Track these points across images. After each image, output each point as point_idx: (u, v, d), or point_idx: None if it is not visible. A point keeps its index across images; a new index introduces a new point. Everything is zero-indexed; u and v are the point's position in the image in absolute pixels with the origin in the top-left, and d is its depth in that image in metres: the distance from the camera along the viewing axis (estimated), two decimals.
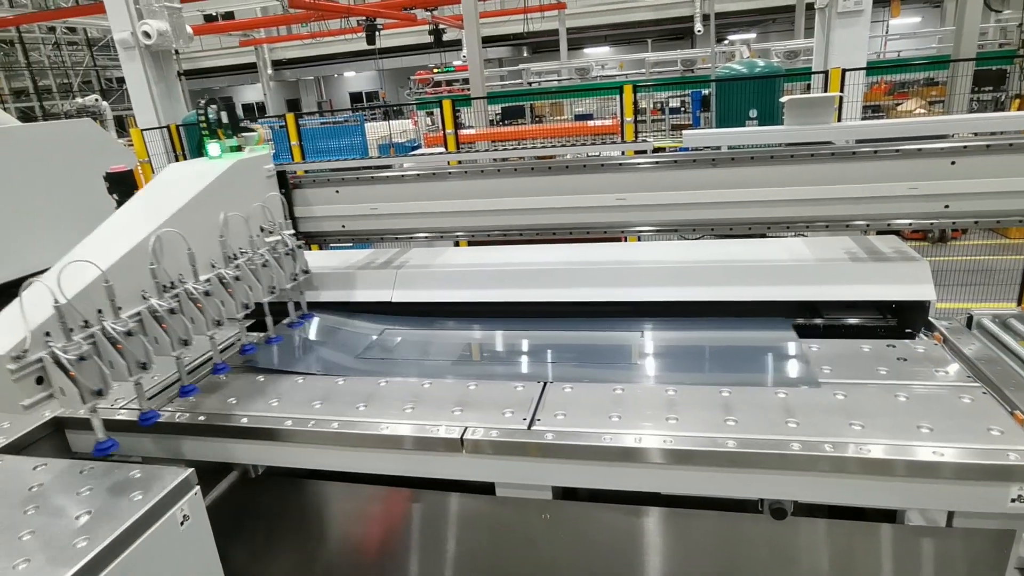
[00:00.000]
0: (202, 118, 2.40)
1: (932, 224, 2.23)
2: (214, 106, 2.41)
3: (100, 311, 1.69)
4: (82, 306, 1.64)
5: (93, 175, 3.02)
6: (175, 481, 1.53)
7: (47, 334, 1.57)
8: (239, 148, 2.46)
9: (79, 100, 18.27)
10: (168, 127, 8.62)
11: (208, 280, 2.03)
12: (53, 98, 22.14)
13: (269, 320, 2.37)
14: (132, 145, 8.73)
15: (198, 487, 1.59)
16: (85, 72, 23.67)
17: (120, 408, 2.04)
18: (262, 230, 2.35)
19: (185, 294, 1.93)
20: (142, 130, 8.59)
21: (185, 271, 1.96)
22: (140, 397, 1.84)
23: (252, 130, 2.52)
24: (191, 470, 1.58)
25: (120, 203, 2.97)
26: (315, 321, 2.65)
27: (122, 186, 2.97)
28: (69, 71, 23.29)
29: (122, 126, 19.05)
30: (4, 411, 1.58)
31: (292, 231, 2.47)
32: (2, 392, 1.51)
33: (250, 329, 2.71)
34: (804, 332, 2.30)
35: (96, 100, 17.74)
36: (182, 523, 1.53)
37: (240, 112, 2.66)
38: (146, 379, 2.24)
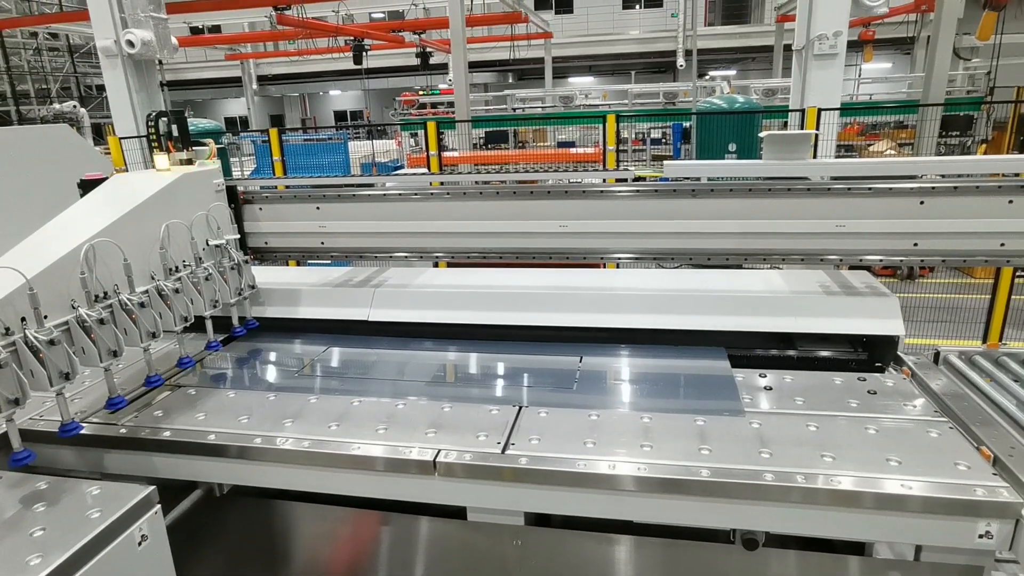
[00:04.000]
0: (152, 130, 2.39)
1: (901, 261, 2.29)
2: (165, 119, 2.40)
3: (24, 319, 1.65)
4: (3, 313, 1.61)
5: (67, 181, 2.97)
6: (135, 499, 1.49)
7: None
8: (189, 161, 2.46)
9: (57, 106, 18.01)
10: (147, 136, 8.51)
11: (146, 292, 2.01)
12: (31, 103, 21.81)
13: (210, 332, 2.36)
14: (109, 153, 8.61)
15: (159, 506, 1.54)
16: (65, 78, 23.39)
17: (83, 421, 1.98)
18: (207, 244, 2.34)
19: (119, 305, 1.91)
20: (120, 138, 8.48)
21: (121, 282, 1.95)
22: (62, 408, 1.79)
23: (203, 144, 2.52)
24: (152, 488, 1.53)
25: None
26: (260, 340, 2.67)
27: None
28: (49, 76, 22.99)
29: (99, 134, 18.80)
30: None
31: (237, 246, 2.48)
32: None
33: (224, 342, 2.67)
34: (778, 363, 2.32)
35: (74, 107, 17.51)
36: (140, 543, 1.48)
37: (223, 124, 2.65)
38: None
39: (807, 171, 2.35)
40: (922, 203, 2.21)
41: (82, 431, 1.88)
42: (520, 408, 1.97)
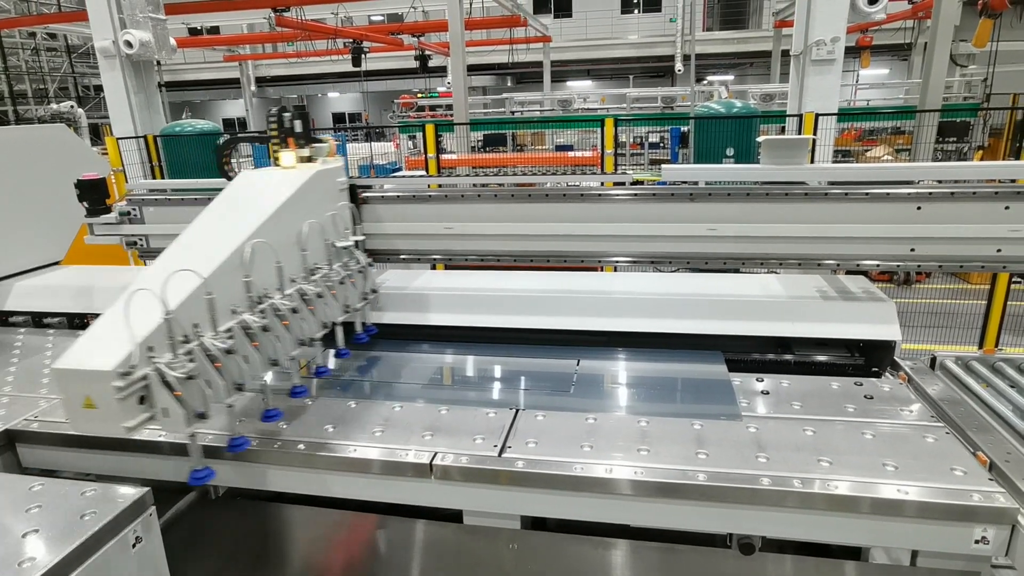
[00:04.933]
0: (274, 125, 2.26)
1: (898, 266, 2.29)
2: (287, 114, 2.25)
3: (196, 325, 1.57)
4: (183, 319, 1.54)
5: (64, 181, 2.96)
6: (129, 500, 1.48)
7: (150, 348, 1.47)
8: (310, 159, 2.31)
9: (54, 106, 17.98)
10: (145, 137, 8.52)
11: (289, 296, 1.88)
12: (28, 103, 21.78)
13: (340, 340, 2.20)
14: (106, 154, 8.59)
15: (154, 508, 1.53)
16: (62, 79, 23.37)
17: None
18: (334, 246, 2.21)
19: (271, 310, 1.77)
20: (118, 139, 8.47)
21: (270, 286, 1.81)
22: (232, 421, 1.68)
23: (323, 141, 2.38)
24: (147, 489, 1.52)
25: (91, 211, 2.91)
26: None
27: (93, 194, 2.91)
28: (46, 77, 22.97)
29: (97, 134, 18.78)
30: (104, 433, 1.48)
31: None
32: (105, 412, 1.42)
33: None
34: (775, 367, 2.32)
35: (72, 107, 17.48)
36: (134, 545, 1.47)
37: (221, 126, 2.62)
38: None
39: (804, 176, 2.36)
40: (919, 208, 2.22)
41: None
42: (517, 411, 1.96)
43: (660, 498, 1.61)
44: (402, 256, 2.70)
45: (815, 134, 6.80)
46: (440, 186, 3.07)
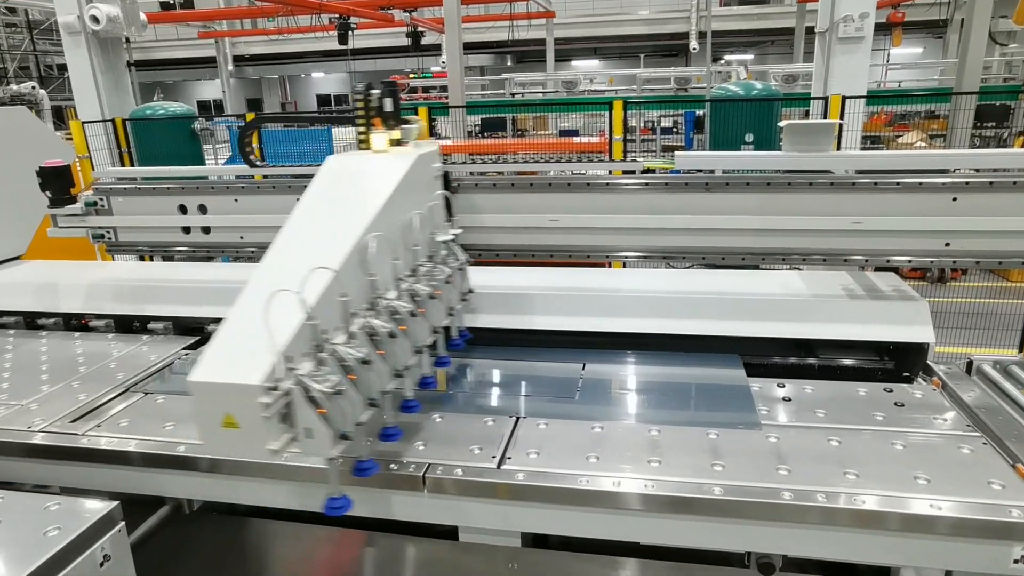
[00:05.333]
0: (361, 104, 2.19)
1: (932, 262, 2.29)
2: (376, 91, 2.17)
3: (324, 331, 1.51)
4: (320, 317, 1.48)
5: (25, 169, 2.96)
6: (97, 515, 1.48)
7: (288, 359, 1.41)
8: (399, 142, 2.23)
9: (14, 87, 17.97)
10: (113, 121, 8.51)
11: (404, 297, 1.81)
12: None
13: (441, 347, 2.12)
14: (71, 139, 8.59)
15: (123, 523, 1.53)
16: (23, 57, 23.34)
17: (40, 431, 1.98)
18: (432, 240, 2.14)
19: (389, 312, 1.69)
20: (83, 123, 8.46)
21: (381, 286, 1.74)
22: (359, 441, 1.58)
23: (412, 122, 2.31)
24: (116, 503, 1.53)
25: (55, 201, 2.91)
26: None
27: (57, 183, 2.91)
28: (5, 55, 22.95)
29: (60, 117, 18.78)
30: (246, 456, 1.45)
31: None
32: (248, 432, 1.37)
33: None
34: (797, 372, 2.33)
35: (33, 88, 17.48)
36: (102, 564, 1.47)
37: (195, 108, 2.60)
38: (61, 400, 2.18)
39: (830, 164, 2.36)
40: (955, 200, 2.22)
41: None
42: (517, 419, 1.97)
43: (672, 513, 1.62)
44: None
45: (842, 118, 6.80)
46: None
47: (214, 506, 2.04)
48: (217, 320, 2.71)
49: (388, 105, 2.19)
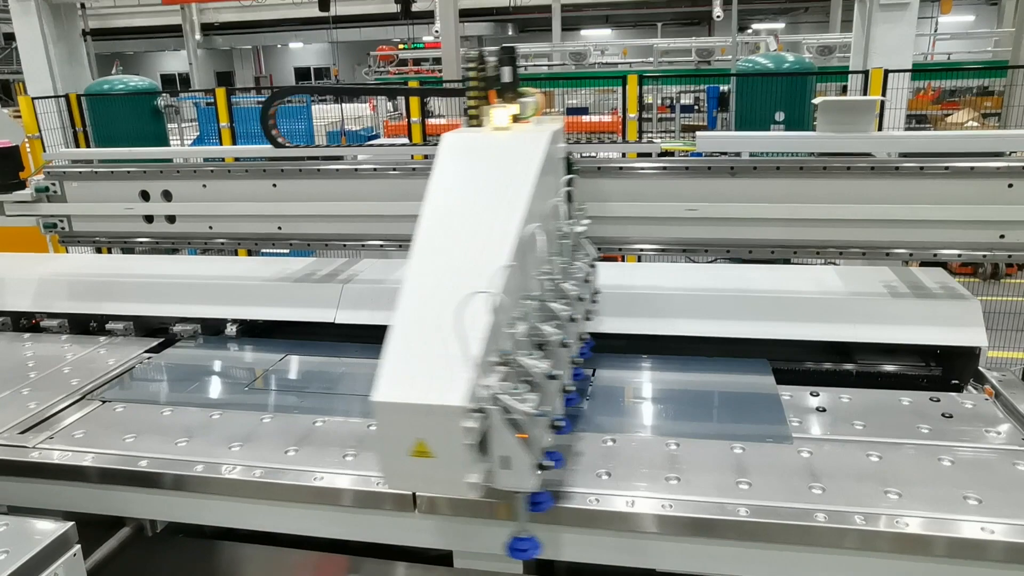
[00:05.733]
0: (475, 72, 2.12)
1: (985, 257, 2.29)
2: (492, 58, 2.11)
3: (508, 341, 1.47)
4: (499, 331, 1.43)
5: None
6: (49, 537, 1.48)
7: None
8: (517, 117, 2.16)
9: None
10: (67, 97, 8.52)
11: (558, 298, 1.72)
12: None
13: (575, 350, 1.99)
14: (19, 116, 8.60)
15: (78, 546, 1.54)
16: None
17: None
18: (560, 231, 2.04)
19: (550, 315, 1.62)
20: (33, 99, 8.46)
21: (543, 285, 1.68)
22: (531, 472, 1.45)
23: (528, 94, 2.23)
24: (70, 524, 1.53)
25: (1, 186, 2.92)
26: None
27: (4, 165, 2.91)
28: None
29: (8, 93, 18.77)
30: (439, 491, 1.43)
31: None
32: (444, 462, 1.32)
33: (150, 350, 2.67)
34: (833, 379, 2.33)
35: None
36: None
37: (158, 83, 2.57)
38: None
39: (871, 146, 2.36)
40: (1010, 186, 2.22)
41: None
42: None
43: (693, 537, 1.62)
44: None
45: (884, 95, 6.79)
46: (426, 157, 3.07)
47: (180, 527, 2.04)
48: (183, 320, 2.74)
49: (507, 74, 2.10)
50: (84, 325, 2.86)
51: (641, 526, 1.63)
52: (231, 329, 2.74)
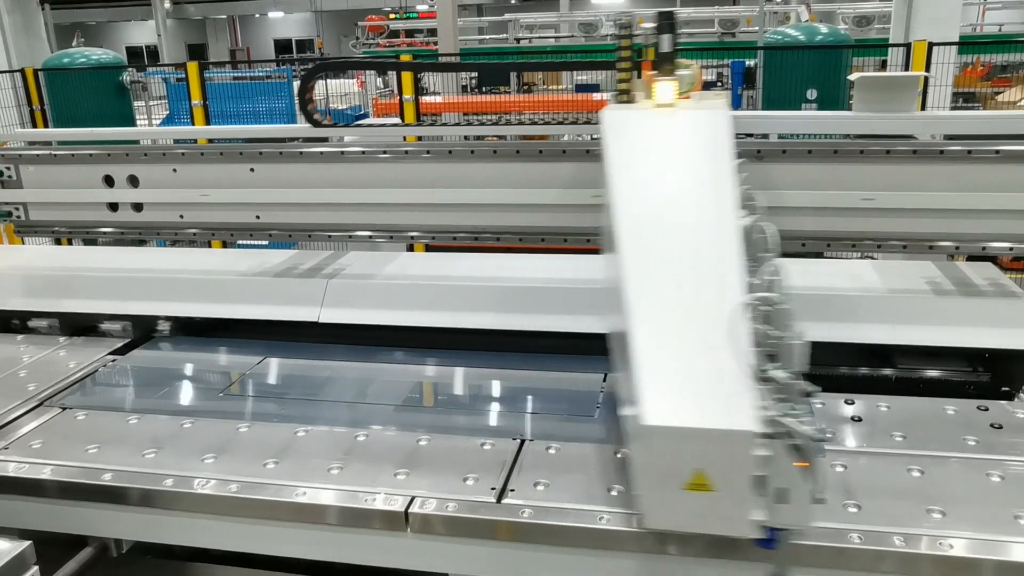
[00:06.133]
0: (627, 41, 2.12)
1: None
2: (647, 26, 2.10)
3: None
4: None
5: None
6: (6, 557, 1.49)
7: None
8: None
9: None
10: (23, 72, 8.52)
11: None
12: None
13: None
14: None
15: (36, 567, 1.54)
16: None
17: None
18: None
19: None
20: None
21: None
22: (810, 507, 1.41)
23: (683, 66, 2.20)
24: (28, 544, 1.54)
25: None
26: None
27: None
28: None
29: None
30: (716, 530, 1.37)
31: None
32: (725, 497, 1.29)
33: (119, 352, 2.68)
34: (869, 386, 2.32)
35: None
36: None
37: (124, 56, 2.56)
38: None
39: (912, 127, 2.36)
40: None
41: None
42: (522, 442, 1.97)
43: (714, 559, 1.61)
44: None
45: (928, 70, 6.78)
46: (420, 138, 3.07)
47: (147, 547, 2.05)
48: (150, 318, 2.74)
49: (666, 44, 2.08)
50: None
51: (658, 546, 1.63)
52: (164, 328, 2.74)
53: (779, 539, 1.48)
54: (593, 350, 2.46)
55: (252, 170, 2.73)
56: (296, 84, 9.52)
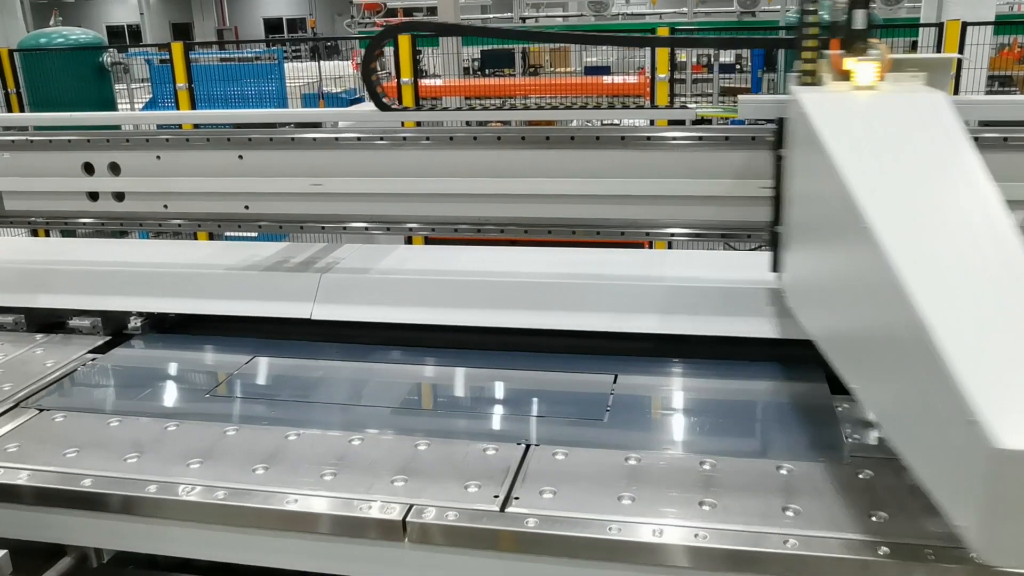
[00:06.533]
0: (814, 17, 2.08)
1: None
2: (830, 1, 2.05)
3: None
4: None
5: None
6: None
7: None
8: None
9: None
10: None
11: None
12: None
13: None
14: None
15: None
16: None
17: None
18: None
19: None
20: None
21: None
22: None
23: (872, 45, 2.15)
24: (3, 553, 1.55)
25: None
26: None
27: None
28: None
29: None
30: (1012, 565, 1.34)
31: None
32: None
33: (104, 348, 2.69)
34: None
35: None
36: None
37: (104, 36, 2.54)
38: None
39: None
40: None
41: None
42: (528, 447, 1.97)
43: (731, 572, 1.62)
44: None
45: (961, 52, 6.75)
46: (418, 124, 3.07)
47: (129, 558, 2.05)
48: (142, 315, 2.75)
49: (859, 19, 2.05)
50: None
51: (670, 559, 1.63)
52: (145, 325, 2.74)
53: None
54: (603, 350, 2.48)
55: (240, 157, 2.73)
56: (287, 66, 9.54)
